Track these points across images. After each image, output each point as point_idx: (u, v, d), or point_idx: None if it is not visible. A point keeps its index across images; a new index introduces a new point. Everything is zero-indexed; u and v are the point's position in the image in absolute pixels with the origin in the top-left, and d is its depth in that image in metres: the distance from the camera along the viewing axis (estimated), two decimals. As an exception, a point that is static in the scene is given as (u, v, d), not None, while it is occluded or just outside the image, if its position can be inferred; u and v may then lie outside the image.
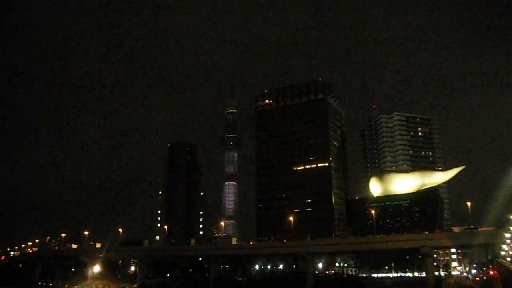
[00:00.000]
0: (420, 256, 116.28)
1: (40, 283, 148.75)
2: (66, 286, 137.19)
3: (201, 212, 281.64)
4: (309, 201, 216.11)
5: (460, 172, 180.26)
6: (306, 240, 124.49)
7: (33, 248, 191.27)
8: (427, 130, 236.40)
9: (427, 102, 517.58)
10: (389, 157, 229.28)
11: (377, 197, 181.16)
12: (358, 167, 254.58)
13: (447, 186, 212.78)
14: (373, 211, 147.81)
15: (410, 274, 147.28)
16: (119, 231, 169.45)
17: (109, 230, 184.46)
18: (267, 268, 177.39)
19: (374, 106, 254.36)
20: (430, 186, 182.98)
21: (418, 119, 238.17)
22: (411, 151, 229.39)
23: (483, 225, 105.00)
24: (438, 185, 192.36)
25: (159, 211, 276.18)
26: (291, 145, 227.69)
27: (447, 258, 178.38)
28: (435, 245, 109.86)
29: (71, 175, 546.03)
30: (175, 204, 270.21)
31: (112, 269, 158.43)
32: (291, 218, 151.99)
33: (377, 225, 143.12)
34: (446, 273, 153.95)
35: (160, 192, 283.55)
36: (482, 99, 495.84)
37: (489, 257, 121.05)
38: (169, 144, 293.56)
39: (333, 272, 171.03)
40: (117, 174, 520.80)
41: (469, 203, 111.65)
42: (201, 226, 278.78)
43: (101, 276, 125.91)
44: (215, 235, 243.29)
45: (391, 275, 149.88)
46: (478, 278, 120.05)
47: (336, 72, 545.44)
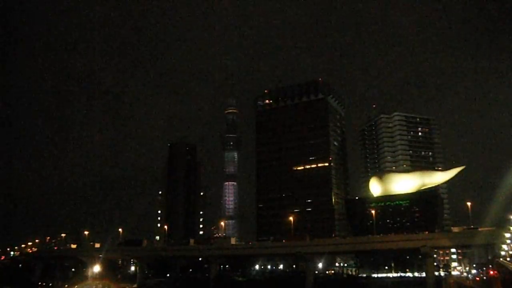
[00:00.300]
0: (420, 256, 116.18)
1: (40, 283, 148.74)
2: (66, 286, 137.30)
3: (201, 212, 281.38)
4: (309, 201, 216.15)
5: (460, 172, 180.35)
6: (305, 240, 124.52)
7: (33, 248, 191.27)
8: (427, 130, 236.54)
9: (427, 102, 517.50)
10: (389, 157, 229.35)
11: (377, 197, 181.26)
12: (358, 167, 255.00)
13: (447, 186, 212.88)
14: (373, 211, 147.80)
15: (410, 274, 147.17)
16: (119, 231, 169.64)
17: (109, 230, 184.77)
18: (267, 268, 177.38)
19: (374, 106, 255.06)
20: (430, 186, 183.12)
21: (418, 119, 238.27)
22: (411, 151, 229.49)
23: (483, 225, 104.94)
24: (438, 185, 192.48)
25: (159, 211, 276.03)
26: (291, 145, 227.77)
27: (447, 258, 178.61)
28: (435, 245, 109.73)
29: (71, 175, 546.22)
30: (175, 204, 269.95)
31: (112, 269, 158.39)
32: (291, 218, 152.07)
33: (377, 225, 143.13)
34: (446, 273, 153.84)
35: (160, 192, 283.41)
36: (482, 99, 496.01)
37: (489, 257, 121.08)
38: (169, 144, 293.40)
39: (333, 272, 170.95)
40: (117, 174, 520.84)
41: (469, 203, 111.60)
42: (201, 226, 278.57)
43: (101, 276, 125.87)
44: (215, 235, 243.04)
45: (391, 275, 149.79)
46: (478, 278, 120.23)
47: (336, 72, 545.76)
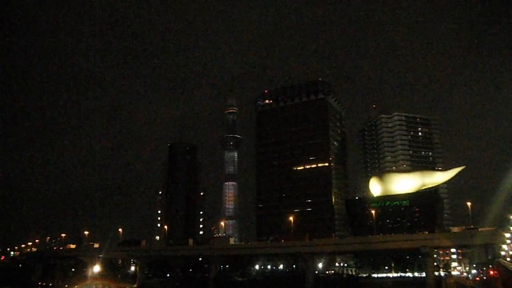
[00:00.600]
0: (420, 256, 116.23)
1: (40, 283, 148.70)
2: (66, 286, 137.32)
3: (201, 212, 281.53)
4: (309, 201, 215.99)
5: (460, 172, 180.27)
6: (304, 240, 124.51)
7: (32, 248, 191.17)
8: (427, 130, 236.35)
9: (427, 102, 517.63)
10: (389, 157, 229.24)
11: (377, 197, 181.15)
12: (358, 167, 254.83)
13: (447, 186, 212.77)
14: (373, 211, 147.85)
15: (410, 274, 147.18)
16: (119, 231, 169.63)
17: (109, 230, 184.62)
18: (267, 268, 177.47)
19: (374, 106, 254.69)
20: (430, 186, 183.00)
21: (418, 119, 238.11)
22: (411, 151, 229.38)
23: (483, 225, 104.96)
24: (438, 185, 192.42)
25: (159, 211, 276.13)
26: (291, 145, 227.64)
27: (447, 258, 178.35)
28: (435, 245, 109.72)
29: (71, 175, 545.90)
30: (175, 204, 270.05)
31: (112, 269, 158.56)
32: (291, 218, 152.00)
33: (377, 225, 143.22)
34: (446, 273, 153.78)
35: (160, 192, 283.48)
36: (482, 99, 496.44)
37: (489, 257, 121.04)
38: (169, 144, 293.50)
39: (333, 272, 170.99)
40: (117, 174, 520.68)
41: (469, 203, 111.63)
42: (201, 226, 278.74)
43: (101, 276, 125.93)
44: (215, 235, 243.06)
45: (391, 275, 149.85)
46: (478, 278, 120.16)
47: (336, 72, 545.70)
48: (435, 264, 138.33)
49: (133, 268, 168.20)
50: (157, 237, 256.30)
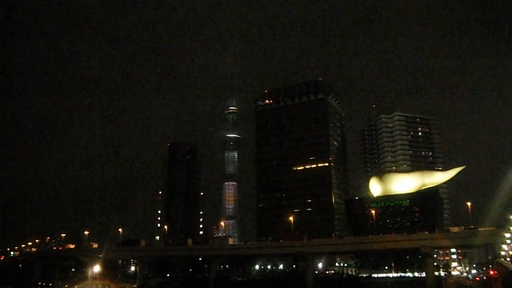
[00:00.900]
0: (420, 256, 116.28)
1: (40, 283, 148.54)
2: (66, 286, 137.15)
3: (201, 212, 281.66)
4: (309, 201, 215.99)
5: (460, 172, 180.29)
6: (303, 240, 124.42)
7: (32, 249, 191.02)
8: (427, 130, 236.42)
9: (427, 102, 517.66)
10: (389, 157, 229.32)
11: (377, 197, 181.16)
12: (358, 167, 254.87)
13: (447, 186, 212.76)
14: (373, 211, 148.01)
15: (410, 274, 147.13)
16: (119, 231, 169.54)
17: (109, 230, 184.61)
18: (267, 268, 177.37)
19: (374, 106, 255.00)
20: (430, 186, 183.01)
21: (418, 119, 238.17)
22: (411, 151, 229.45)
23: (483, 225, 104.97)
24: (438, 185, 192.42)
25: (159, 211, 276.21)
26: (291, 145, 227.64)
27: (447, 258, 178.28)
28: (435, 245, 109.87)
29: (71, 175, 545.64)
30: (175, 204, 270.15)
31: (112, 269, 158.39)
32: (291, 218, 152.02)
33: (377, 225, 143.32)
34: (446, 273, 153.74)
35: (160, 192, 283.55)
36: (482, 99, 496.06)
37: (489, 257, 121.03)
38: (169, 144, 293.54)
39: (333, 272, 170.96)
40: (117, 174, 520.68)
41: (469, 203, 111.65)
42: (201, 226, 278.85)
43: (101, 276, 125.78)
44: (215, 235, 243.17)
45: (391, 275, 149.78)
46: (478, 278, 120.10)
47: (336, 72, 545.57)
48: (435, 264, 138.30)
49: (133, 268, 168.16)
50: (157, 237, 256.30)
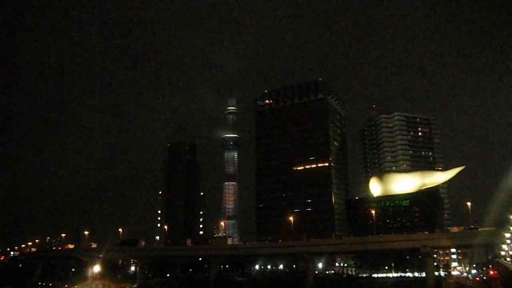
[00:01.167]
0: (420, 256, 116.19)
1: (40, 283, 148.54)
2: (66, 286, 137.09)
3: (201, 212, 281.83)
4: (309, 201, 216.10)
5: (460, 172, 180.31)
6: (302, 240, 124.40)
7: (31, 249, 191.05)
8: (427, 130, 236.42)
9: (427, 102, 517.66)
10: (389, 157, 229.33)
11: (377, 197, 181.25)
12: (358, 167, 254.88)
13: (447, 186, 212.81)
14: (373, 211, 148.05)
15: (410, 274, 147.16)
16: (119, 231, 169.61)
17: (109, 230, 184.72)
18: (267, 268, 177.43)
19: (374, 106, 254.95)
20: (430, 186, 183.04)
21: (418, 119, 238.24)
22: (411, 151, 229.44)
23: (483, 225, 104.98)
24: (438, 185, 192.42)
25: (159, 211, 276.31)
26: (291, 145, 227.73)
27: (447, 258, 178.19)
28: (435, 245, 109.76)
29: (71, 175, 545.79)
30: (175, 204, 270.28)
31: (112, 269, 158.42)
32: (291, 218, 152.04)
33: (377, 225, 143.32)
34: (446, 273, 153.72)
35: (160, 192, 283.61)
36: (482, 99, 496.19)
37: (489, 257, 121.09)
38: (169, 144, 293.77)
39: (333, 272, 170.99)
40: (117, 174, 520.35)
41: (469, 203, 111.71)
42: (201, 226, 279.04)
43: (101, 276, 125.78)
44: (215, 235, 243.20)
45: (391, 275, 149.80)
46: (478, 278, 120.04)
47: (336, 72, 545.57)
48: (435, 264, 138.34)
49: (133, 268, 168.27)
50: (157, 237, 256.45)
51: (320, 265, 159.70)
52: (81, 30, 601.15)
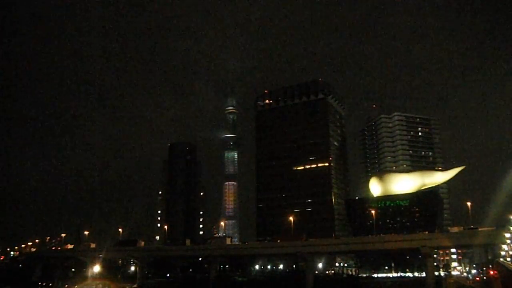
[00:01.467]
0: (420, 256, 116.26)
1: (40, 283, 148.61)
2: (66, 286, 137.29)
3: (201, 212, 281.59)
4: (309, 201, 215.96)
5: (460, 172, 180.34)
6: (302, 240, 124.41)
7: (31, 249, 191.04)
8: (427, 130, 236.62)
9: (427, 102, 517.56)
10: (389, 157, 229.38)
11: (377, 197, 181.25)
12: (358, 167, 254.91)
13: (447, 186, 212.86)
14: (373, 211, 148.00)
15: (410, 274, 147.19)
16: (119, 231, 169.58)
17: (109, 230, 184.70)
18: (267, 268, 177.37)
19: (374, 106, 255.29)
20: (430, 186, 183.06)
21: (418, 119, 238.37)
22: (411, 151, 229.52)
23: (483, 225, 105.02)
24: (438, 185, 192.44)
25: (159, 211, 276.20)
26: (291, 145, 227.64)
27: (447, 258, 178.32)
28: (435, 245, 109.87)
29: (71, 175, 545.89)
30: (175, 204, 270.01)
31: (112, 269, 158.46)
32: (291, 218, 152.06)
33: (377, 225, 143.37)
34: (446, 273, 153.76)
35: (160, 192, 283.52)
36: (482, 99, 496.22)
37: (489, 257, 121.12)
38: (169, 144, 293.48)
39: (333, 272, 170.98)
40: (117, 174, 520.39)
41: (469, 203, 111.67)
42: (201, 226, 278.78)
43: (101, 276, 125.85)
44: (215, 235, 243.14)
45: (391, 275, 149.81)
46: (478, 278, 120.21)
47: (336, 72, 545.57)
48: (435, 264, 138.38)
49: (133, 268, 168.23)
50: (157, 237, 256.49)
51: (320, 265, 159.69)
52: (82, 30, 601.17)
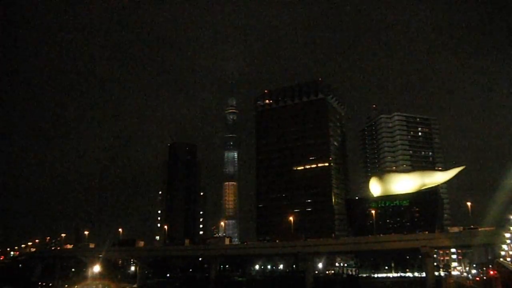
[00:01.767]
0: (420, 256, 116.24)
1: (40, 283, 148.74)
2: (66, 286, 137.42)
3: (201, 212, 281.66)
4: (309, 201, 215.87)
5: (460, 172, 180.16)
6: (301, 240, 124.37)
7: (31, 249, 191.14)
8: (427, 130, 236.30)
9: (427, 102, 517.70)
10: (389, 157, 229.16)
11: (377, 197, 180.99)
12: (358, 167, 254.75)
13: (447, 186, 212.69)
14: (373, 211, 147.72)
15: (410, 274, 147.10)
16: (119, 231, 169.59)
17: (109, 230, 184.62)
18: (267, 268, 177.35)
19: (374, 106, 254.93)
20: (430, 186, 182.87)
21: (418, 119, 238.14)
22: (411, 151, 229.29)
23: (483, 225, 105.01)
24: (438, 185, 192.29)
25: (159, 211, 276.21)
26: (291, 145, 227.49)
27: (447, 258, 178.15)
28: (435, 245, 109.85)
29: (71, 175, 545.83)
30: (175, 204, 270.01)
31: (112, 269, 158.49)
32: (291, 218, 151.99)
33: (377, 225, 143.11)
34: (446, 273, 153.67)
35: (160, 192, 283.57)
36: (482, 99, 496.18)
37: (489, 257, 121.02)
38: (169, 144, 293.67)
39: (333, 272, 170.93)
40: (117, 174, 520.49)
41: (469, 203, 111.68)
42: (201, 226, 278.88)
43: (101, 276, 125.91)
44: (215, 235, 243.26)
45: (391, 275, 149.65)
46: (478, 278, 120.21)
47: (336, 72, 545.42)
48: (435, 264, 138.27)
49: (133, 268, 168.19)
50: (157, 237, 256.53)
51: (320, 265, 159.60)
52: (83, 30, 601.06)
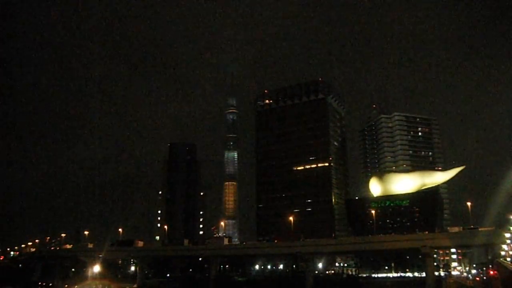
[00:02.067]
0: (420, 256, 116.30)
1: (40, 283, 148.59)
2: (66, 286, 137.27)
3: (201, 212, 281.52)
4: (309, 201, 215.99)
5: (460, 172, 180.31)
6: (300, 240, 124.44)
7: (31, 249, 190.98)
8: (427, 130, 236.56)
9: (427, 102, 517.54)
10: (389, 157, 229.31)
11: (377, 197, 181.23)
12: (358, 167, 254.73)
13: (447, 186, 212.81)
14: (373, 211, 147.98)
15: (410, 274, 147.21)
16: (119, 231, 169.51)
17: (109, 230, 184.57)
18: (267, 268, 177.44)
19: (374, 106, 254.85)
20: (430, 186, 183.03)
21: (418, 119, 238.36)
22: (411, 151, 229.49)
23: (483, 225, 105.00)
24: (438, 185, 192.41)
25: (159, 211, 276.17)
26: (291, 145, 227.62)
27: (447, 258, 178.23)
28: (435, 245, 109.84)
29: (71, 175, 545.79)
30: (175, 204, 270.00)
31: (112, 269, 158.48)
32: (291, 218, 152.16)
33: (377, 225, 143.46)
34: (446, 273, 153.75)
35: (160, 192, 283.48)
36: (482, 99, 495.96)
37: (489, 257, 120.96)
38: (169, 144, 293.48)
39: (333, 272, 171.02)
40: (117, 174, 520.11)
41: (469, 203, 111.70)
42: (201, 226, 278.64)
43: (101, 276, 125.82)
44: (215, 235, 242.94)
45: (391, 275, 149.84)
46: (478, 278, 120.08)
47: (336, 72, 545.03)
48: (435, 264, 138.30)
49: (133, 268, 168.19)
50: (157, 237, 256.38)
51: (320, 265, 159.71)
52: (83, 30, 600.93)
